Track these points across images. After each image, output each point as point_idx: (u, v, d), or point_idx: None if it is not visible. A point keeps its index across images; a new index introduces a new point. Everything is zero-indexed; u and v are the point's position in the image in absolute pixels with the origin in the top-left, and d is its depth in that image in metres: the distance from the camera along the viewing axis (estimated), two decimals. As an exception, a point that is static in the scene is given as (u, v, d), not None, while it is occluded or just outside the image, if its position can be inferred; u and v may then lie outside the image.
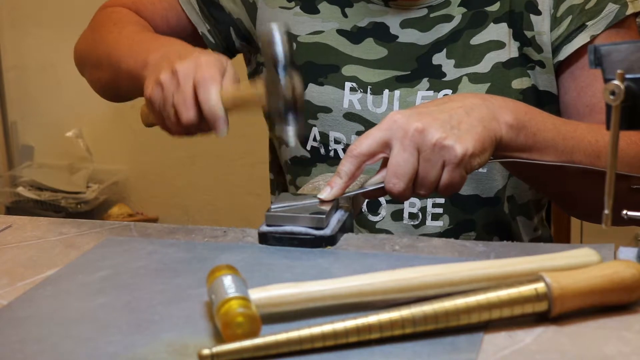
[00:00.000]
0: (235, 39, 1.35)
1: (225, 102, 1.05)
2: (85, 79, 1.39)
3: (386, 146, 1.01)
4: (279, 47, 1.01)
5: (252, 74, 1.38)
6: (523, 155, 1.06)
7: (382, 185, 1.02)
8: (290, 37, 1.02)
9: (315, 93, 1.26)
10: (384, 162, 1.02)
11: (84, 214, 2.92)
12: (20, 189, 2.97)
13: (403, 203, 1.25)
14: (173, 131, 1.10)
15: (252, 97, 1.06)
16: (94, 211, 3.00)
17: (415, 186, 1.01)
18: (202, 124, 1.07)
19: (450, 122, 1.00)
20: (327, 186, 1.03)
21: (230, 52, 1.39)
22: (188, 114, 1.06)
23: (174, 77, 1.07)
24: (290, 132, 1.02)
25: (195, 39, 1.35)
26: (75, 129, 3.00)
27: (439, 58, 1.25)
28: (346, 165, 1.01)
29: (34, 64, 3.05)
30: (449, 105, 1.03)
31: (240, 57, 1.42)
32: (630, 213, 0.90)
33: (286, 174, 1.34)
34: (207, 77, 1.05)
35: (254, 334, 0.76)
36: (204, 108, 1.05)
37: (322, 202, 1.03)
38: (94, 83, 1.35)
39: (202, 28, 1.35)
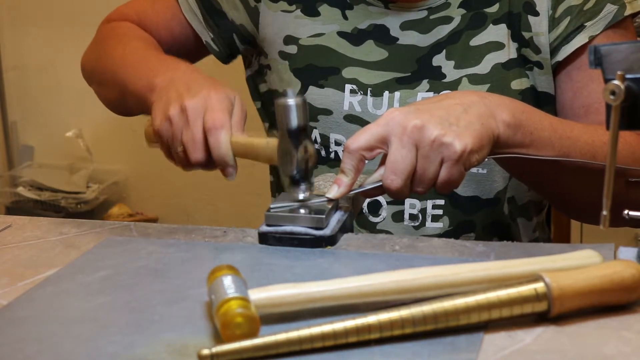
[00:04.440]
0: (239, 45, 1.36)
1: (235, 149, 1.06)
2: (86, 82, 1.39)
3: (383, 142, 1.00)
4: (294, 117, 1.01)
5: (254, 76, 1.38)
6: (520, 154, 1.06)
7: (381, 183, 1.02)
8: (306, 105, 1.02)
9: (316, 95, 1.26)
10: (383, 161, 1.02)
11: (84, 214, 2.92)
12: (20, 189, 2.96)
13: (404, 204, 1.25)
14: (178, 164, 1.11)
15: (262, 152, 1.07)
16: (94, 211, 2.99)
17: (413, 183, 1.01)
18: (210, 164, 1.08)
19: (448, 119, 1.00)
20: (333, 184, 1.03)
21: (233, 57, 1.39)
22: (197, 155, 1.07)
23: (182, 114, 1.08)
24: (301, 193, 1.03)
25: (199, 48, 1.36)
26: (75, 129, 3.00)
27: (439, 59, 1.25)
28: (347, 162, 1.01)
29: (34, 64, 3.05)
30: (447, 103, 1.03)
31: (239, 61, 1.42)
32: (632, 213, 0.90)
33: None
34: (218, 124, 1.06)
35: (253, 334, 0.76)
36: (214, 154, 1.07)
37: (329, 200, 1.03)
38: (101, 98, 1.36)
39: (206, 37, 1.36)
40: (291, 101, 1.01)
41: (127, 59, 1.25)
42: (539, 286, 0.79)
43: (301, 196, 1.03)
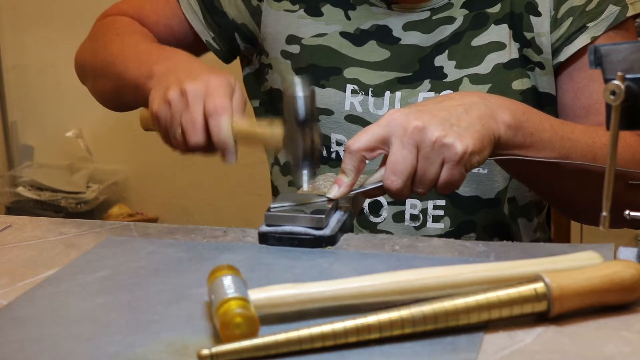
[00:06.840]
0: (241, 43, 1.36)
1: (236, 134, 1.06)
2: (78, 78, 1.38)
3: (384, 143, 1.01)
4: (302, 104, 1.01)
5: (254, 75, 1.38)
6: (520, 155, 1.06)
7: (381, 183, 1.02)
8: (314, 95, 1.03)
9: (317, 95, 1.26)
10: (384, 161, 1.02)
11: (84, 214, 2.92)
12: (20, 189, 2.96)
13: (404, 204, 1.25)
14: (177, 148, 1.10)
15: (265, 139, 1.07)
16: (94, 211, 2.99)
17: (414, 184, 1.01)
18: (209, 148, 1.07)
19: (449, 119, 1.00)
20: (334, 184, 1.03)
21: (234, 56, 1.39)
22: (196, 138, 1.06)
23: (182, 97, 1.07)
24: (305, 180, 1.04)
25: (199, 46, 1.36)
26: (75, 129, 3.00)
27: (440, 59, 1.25)
28: (348, 163, 1.01)
29: (34, 64, 3.05)
30: (448, 104, 1.03)
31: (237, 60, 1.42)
32: (632, 213, 0.90)
33: (286, 175, 1.34)
34: (219, 107, 1.05)
35: (252, 335, 0.76)
36: (214, 138, 1.06)
37: (329, 200, 1.03)
38: (96, 93, 1.34)
39: (207, 36, 1.35)
40: (300, 92, 1.01)
41: (125, 51, 1.24)
42: (539, 286, 0.79)
43: (306, 180, 1.03)
